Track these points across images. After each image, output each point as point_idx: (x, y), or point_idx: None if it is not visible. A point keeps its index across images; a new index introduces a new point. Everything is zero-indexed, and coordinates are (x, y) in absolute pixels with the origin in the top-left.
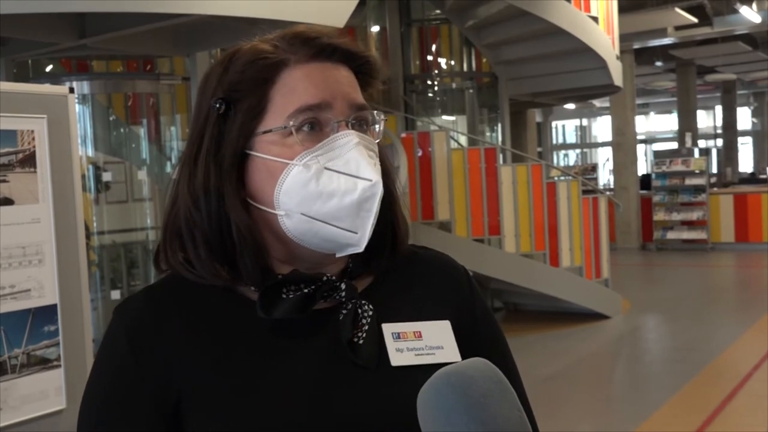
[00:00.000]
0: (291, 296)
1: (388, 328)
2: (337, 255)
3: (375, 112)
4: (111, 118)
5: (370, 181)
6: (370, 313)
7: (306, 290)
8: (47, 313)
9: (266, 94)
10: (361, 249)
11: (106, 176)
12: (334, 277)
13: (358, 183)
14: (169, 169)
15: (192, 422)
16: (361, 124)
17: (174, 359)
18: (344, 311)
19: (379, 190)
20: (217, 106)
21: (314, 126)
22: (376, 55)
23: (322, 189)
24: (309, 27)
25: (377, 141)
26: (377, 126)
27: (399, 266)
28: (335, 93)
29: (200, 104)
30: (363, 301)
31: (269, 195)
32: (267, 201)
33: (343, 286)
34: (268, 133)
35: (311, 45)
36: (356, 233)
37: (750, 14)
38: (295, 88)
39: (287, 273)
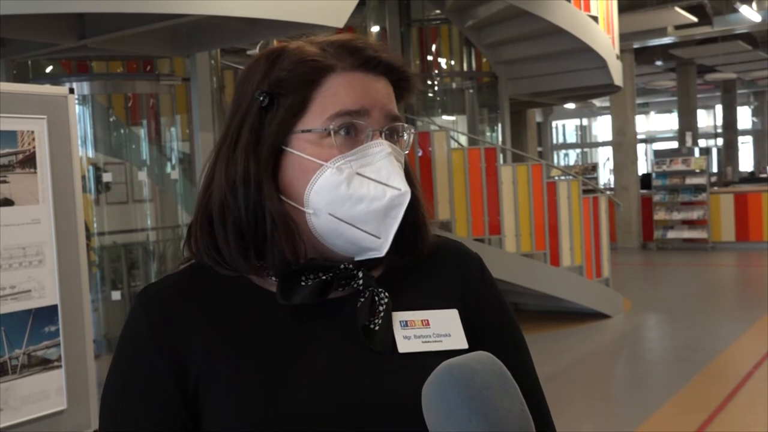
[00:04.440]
0: (310, 283)
1: (396, 317)
2: (356, 258)
3: (405, 125)
4: (111, 119)
5: (399, 190)
6: (386, 300)
7: (324, 277)
8: (48, 314)
9: (309, 94)
10: (382, 254)
11: (107, 177)
12: (350, 266)
13: (387, 191)
14: (169, 169)
15: (212, 406)
16: (392, 134)
17: (194, 344)
18: (362, 299)
19: (407, 200)
20: (261, 98)
21: (350, 131)
22: (414, 72)
23: (352, 193)
24: (357, 37)
25: (405, 152)
26: (406, 137)
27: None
28: (374, 102)
29: (241, 94)
30: (380, 289)
31: (299, 192)
32: (296, 197)
33: (360, 274)
34: (307, 133)
35: (358, 55)
36: (379, 238)
37: (750, 13)
38: (338, 93)
39: (305, 261)
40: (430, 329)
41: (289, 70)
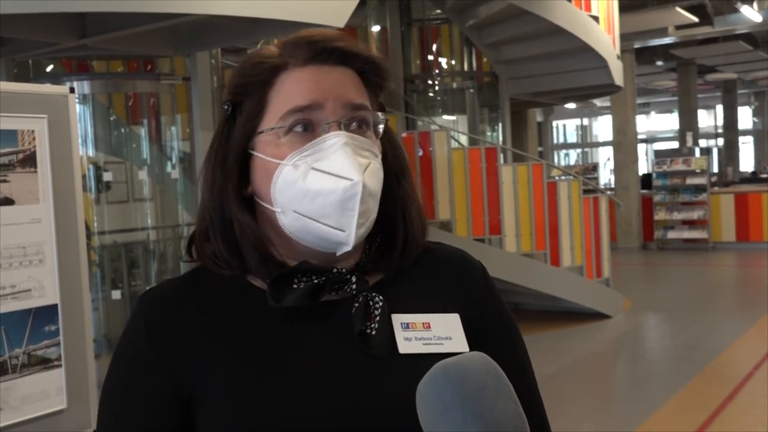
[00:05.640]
0: (302, 286)
1: (397, 319)
2: (337, 253)
3: (374, 113)
4: (111, 118)
5: (351, 180)
6: (380, 304)
7: (317, 281)
8: (48, 313)
9: (265, 96)
10: (350, 247)
11: (107, 176)
12: (344, 270)
13: (339, 183)
14: (169, 168)
15: (208, 409)
16: (361, 125)
17: (191, 349)
18: (356, 303)
19: (359, 190)
20: (225, 107)
21: (307, 127)
22: (379, 55)
23: (308, 188)
24: (311, 30)
25: (379, 139)
26: (380, 126)
27: (412, 263)
28: (327, 94)
29: (221, 109)
30: (373, 293)
31: (267, 193)
32: (267, 198)
33: (353, 279)
34: (263, 134)
35: (309, 48)
36: (344, 231)
37: (751, 13)
38: (289, 90)
39: (296, 264)
40: (432, 332)
41: (246, 75)
